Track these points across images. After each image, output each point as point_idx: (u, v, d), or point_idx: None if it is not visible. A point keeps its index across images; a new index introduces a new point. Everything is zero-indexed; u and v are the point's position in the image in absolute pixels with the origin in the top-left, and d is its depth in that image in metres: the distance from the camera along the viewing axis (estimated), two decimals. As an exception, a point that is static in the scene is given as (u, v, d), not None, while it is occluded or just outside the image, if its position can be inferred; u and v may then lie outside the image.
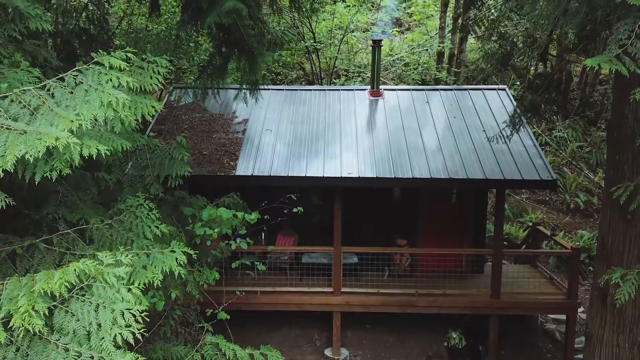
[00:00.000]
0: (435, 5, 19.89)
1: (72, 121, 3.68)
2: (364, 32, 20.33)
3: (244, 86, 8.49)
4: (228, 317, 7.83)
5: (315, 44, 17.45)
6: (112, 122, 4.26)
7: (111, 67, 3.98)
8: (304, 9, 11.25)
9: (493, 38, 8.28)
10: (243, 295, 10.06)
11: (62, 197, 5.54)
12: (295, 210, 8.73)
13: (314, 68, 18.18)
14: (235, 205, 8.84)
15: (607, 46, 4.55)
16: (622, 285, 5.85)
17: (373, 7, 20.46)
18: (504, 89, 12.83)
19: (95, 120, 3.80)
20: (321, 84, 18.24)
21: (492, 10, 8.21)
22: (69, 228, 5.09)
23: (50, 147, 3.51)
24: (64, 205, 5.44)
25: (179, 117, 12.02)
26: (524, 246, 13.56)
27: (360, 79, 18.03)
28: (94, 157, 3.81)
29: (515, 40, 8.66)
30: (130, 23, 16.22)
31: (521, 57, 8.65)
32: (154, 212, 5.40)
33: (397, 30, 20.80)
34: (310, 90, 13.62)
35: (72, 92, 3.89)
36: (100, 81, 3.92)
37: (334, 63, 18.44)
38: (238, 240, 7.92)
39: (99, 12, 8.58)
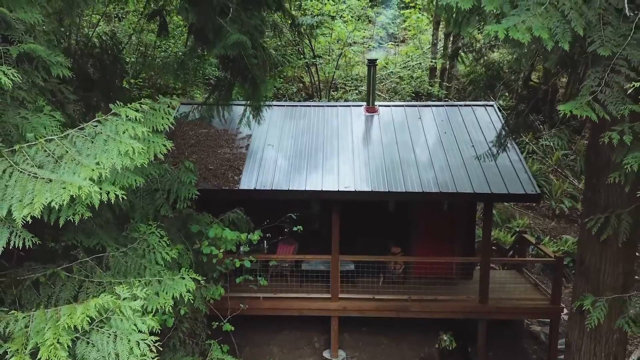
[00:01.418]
0: (429, 20, 20.08)
1: (93, 170, 3.89)
2: (361, 44, 20.50)
3: (248, 110, 8.70)
4: (232, 328, 8.04)
5: (314, 60, 17.65)
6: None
7: (127, 118, 4.19)
8: (302, 31, 11.42)
9: (478, 68, 8.47)
10: (246, 300, 10.31)
11: (79, 224, 5.73)
12: (295, 229, 8.94)
13: (313, 81, 18.37)
14: (239, 220, 9.06)
15: (579, 92, 4.76)
16: (592, 312, 6.06)
17: (369, 22, 20.63)
18: (491, 105, 13.02)
19: (114, 167, 4.00)
20: (320, 97, 18.44)
21: (480, 40, 8.39)
22: (87, 254, 5.30)
23: (74, 195, 3.73)
24: (82, 232, 5.64)
25: (187, 133, 12.22)
26: (511, 252, 13.76)
27: (357, 91, 18.21)
28: (112, 200, 4.03)
29: (501, 65, 8.85)
30: (140, 39, 16.39)
31: (506, 82, 8.84)
32: (164, 239, 5.62)
33: (392, 44, 20.97)
34: (310, 106, 13.83)
35: (92, 142, 4.10)
36: (117, 131, 4.13)
37: (333, 76, 18.63)
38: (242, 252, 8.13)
39: (111, 42, 8.79)
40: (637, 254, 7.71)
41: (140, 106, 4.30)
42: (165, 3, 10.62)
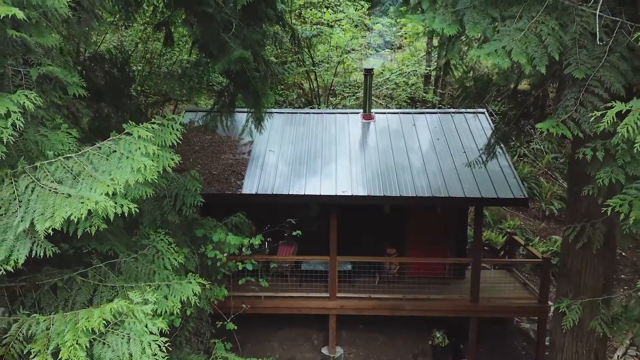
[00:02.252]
0: (425, 30, 20.24)
1: (108, 185, 4.15)
2: (359, 51, 20.72)
3: (250, 121, 8.95)
4: (235, 327, 8.30)
5: (313, 68, 17.90)
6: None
7: (140, 137, 4.45)
8: (302, 43, 11.67)
9: (466, 82, 8.71)
10: (248, 299, 10.57)
11: (93, 232, 5.99)
12: (294, 233, 9.20)
13: (312, 87, 18.61)
14: (242, 224, 9.30)
15: (556, 111, 5.02)
16: (568, 314, 6.32)
17: (367, 29, 20.86)
18: (482, 113, 13.27)
19: (127, 183, 4.26)
20: (319, 103, 18.70)
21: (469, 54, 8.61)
22: (101, 260, 5.56)
23: (91, 209, 3.99)
24: (95, 238, 5.88)
25: (191, 139, 12.47)
26: (502, 252, 14.01)
27: (354, 97, 18.45)
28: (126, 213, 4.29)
29: (490, 77, 9.08)
30: (146, 48, 16.61)
31: (495, 92, 9.08)
32: (172, 246, 5.87)
33: (389, 51, 21.21)
34: (309, 113, 14.09)
35: (107, 159, 4.36)
36: (130, 149, 4.39)
37: (331, 83, 18.87)
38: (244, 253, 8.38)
39: (121, 57, 9.04)
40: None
41: (152, 126, 4.55)
42: (171, 15, 10.87)
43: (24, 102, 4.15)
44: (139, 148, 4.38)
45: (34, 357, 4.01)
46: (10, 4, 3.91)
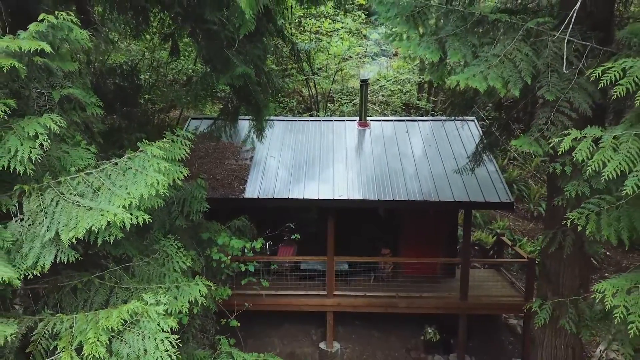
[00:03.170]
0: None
1: (125, 199, 4.52)
2: (356, 59, 21.06)
3: (252, 131, 9.32)
4: (238, 324, 8.67)
5: (312, 77, 18.26)
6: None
7: (153, 155, 4.81)
8: (301, 55, 12.03)
9: (454, 99, 9.06)
10: (251, 297, 10.94)
11: (107, 236, 6.35)
12: (293, 237, 9.57)
13: (311, 94, 18.97)
14: (244, 227, 9.67)
15: (529, 129, 5.37)
16: (539, 312, 6.68)
17: (364, 37, 21.21)
18: (472, 120, 13.61)
19: (142, 196, 4.62)
20: (318, 109, 19.05)
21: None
22: (115, 263, 5.93)
23: (110, 221, 4.35)
24: (109, 243, 6.25)
25: (196, 146, 12.80)
26: (491, 252, 14.37)
27: (352, 104, 18.80)
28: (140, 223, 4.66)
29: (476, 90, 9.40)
30: (153, 57, 16.96)
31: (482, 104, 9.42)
32: (181, 250, 6.24)
33: (385, 58, 21.56)
34: (308, 120, 14.43)
35: (124, 175, 4.72)
36: (144, 166, 4.75)
37: (330, 90, 19.23)
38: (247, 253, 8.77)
39: (130, 69, 9.39)
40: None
41: (164, 145, 4.91)
42: (177, 28, 11.20)
43: (50, 125, 4.51)
44: (152, 165, 4.74)
45: (59, 352, 4.38)
46: (38, 39, 4.27)
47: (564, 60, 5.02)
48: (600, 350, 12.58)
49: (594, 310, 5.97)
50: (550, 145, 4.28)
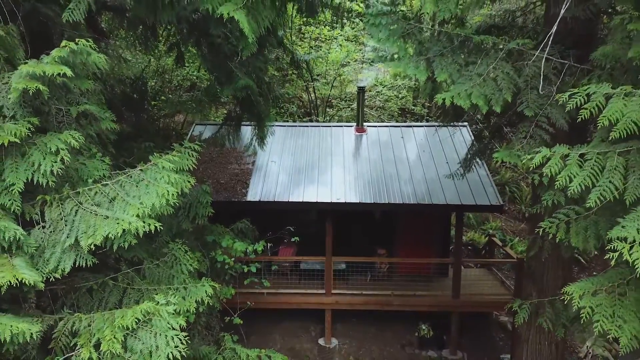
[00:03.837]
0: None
1: (138, 208, 4.85)
2: (354, 64, 21.36)
3: (254, 140, 9.65)
4: (241, 322, 9.00)
5: (312, 83, 18.59)
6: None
7: (163, 167, 5.14)
8: (301, 64, 12.37)
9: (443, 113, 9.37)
10: (253, 296, 11.27)
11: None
12: (293, 239, 9.91)
13: (311, 99, 19.30)
14: (246, 229, 9.98)
15: (510, 142, 5.70)
16: (519, 312, 7.01)
17: (362, 44, 21.53)
18: (464, 126, 13.93)
19: (153, 206, 4.96)
20: (317, 114, 19.38)
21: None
22: (127, 265, 6.26)
23: (125, 229, 4.69)
24: (123, 248, 6.58)
25: (201, 151, 13.09)
26: (483, 252, 14.69)
27: (349, 109, 19.13)
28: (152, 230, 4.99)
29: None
30: (159, 64, 17.27)
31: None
32: (188, 254, 6.57)
33: (382, 64, 21.84)
34: (307, 126, 14.76)
35: (137, 186, 5.06)
36: (156, 178, 5.09)
37: (329, 96, 19.56)
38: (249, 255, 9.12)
39: (140, 83, 9.73)
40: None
41: (173, 158, 5.24)
42: (182, 38, 11.50)
43: (70, 141, 4.84)
44: (163, 177, 5.08)
45: (79, 348, 4.71)
46: (60, 63, 4.60)
47: (541, 79, 5.34)
48: (587, 347, 12.90)
49: (568, 311, 6.29)
50: (523, 162, 4.59)
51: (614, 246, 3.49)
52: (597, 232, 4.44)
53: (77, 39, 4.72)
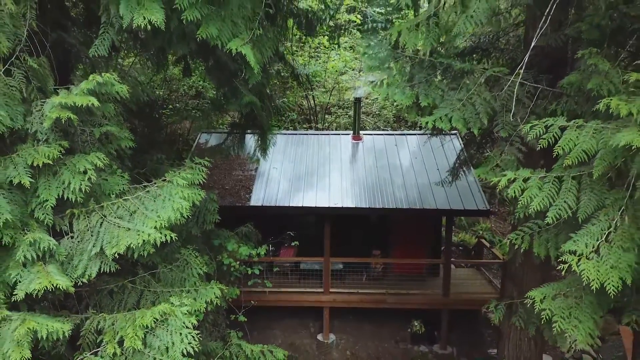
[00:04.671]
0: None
1: (156, 221, 5.37)
2: (352, 72, 21.84)
3: (257, 150, 10.16)
4: (245, 319, 9.53)
5: (311, 92, 19.10)
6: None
7: (178, 184, 5.67)
8: (301, 78, 12.88)
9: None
10: (256, 294, 11.78)
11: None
12: (292, 244, 10.42)
13: (310, 106, 19.80)
14: (250, 233, 10.49)
15: (487, 159, 6.21)
16: (495, 312, 7.52)
17: (360, 54, 22.01)
18: (455, 134, 14.43)
19: (169, 218, 5.48)
20: (316, 120, 19.90)
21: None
22: (144, 270, 6.78)
23: (145, 240, 5.21)
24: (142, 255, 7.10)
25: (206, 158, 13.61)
26: (473, 252, 15.19)
27: (347, 116, 19.63)
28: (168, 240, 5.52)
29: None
30: (165, 74, 17.72)
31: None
32: (198, 258, 7.09)
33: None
34: (307, 134, 15.28)
35: (154, 201, 5.58)
36: (171, 193, 5.61)
37: (327, 103, 20.07)
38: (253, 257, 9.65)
39: (149, 98, 10.20)
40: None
41: (187, 175, 5.77)
42: (190, 53, 11.97)
43: (96, 162, 5.37)
44: (178, 193, 5.60)
45: (104, 345, 5.24)
46: (88, 94, 5.12)
47: (514, 103, 5.84)
48: (570, 342, 13.37)
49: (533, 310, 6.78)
50: (491, 183, 5.11)
51: (564, 258, 4.00)
52: (556, 244, 4.95)
53: (101, 72, 5.24)
